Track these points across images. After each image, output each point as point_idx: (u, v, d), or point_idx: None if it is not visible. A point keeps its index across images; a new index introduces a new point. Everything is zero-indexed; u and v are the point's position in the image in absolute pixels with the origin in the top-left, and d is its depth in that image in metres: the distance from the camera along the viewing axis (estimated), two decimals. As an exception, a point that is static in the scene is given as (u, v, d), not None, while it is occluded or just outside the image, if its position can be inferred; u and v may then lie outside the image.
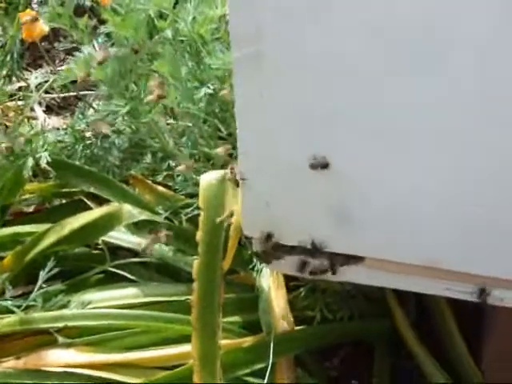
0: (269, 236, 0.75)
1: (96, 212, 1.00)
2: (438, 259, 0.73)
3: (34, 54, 1.55)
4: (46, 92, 1.34)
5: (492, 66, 0.58)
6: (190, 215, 1.01)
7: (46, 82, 1.26)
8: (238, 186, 0.77)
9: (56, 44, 1.22)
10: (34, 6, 1.42)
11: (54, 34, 1.38)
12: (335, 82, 0.64)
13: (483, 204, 0.66)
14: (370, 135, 0.66)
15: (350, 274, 0.78)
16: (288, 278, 0.93)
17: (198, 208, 0.89)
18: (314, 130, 0.67)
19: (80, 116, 1.15)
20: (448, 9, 0.56)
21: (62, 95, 1.38)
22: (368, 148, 0.67)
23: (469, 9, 0.56)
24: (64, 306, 0.93)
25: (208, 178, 0.85)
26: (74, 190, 1.10)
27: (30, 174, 1.07)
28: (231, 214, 0.82)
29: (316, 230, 0.74)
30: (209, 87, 0.95)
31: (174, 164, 1.08)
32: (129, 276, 1.00)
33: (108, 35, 1.11)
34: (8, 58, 1.27)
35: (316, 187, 0.71)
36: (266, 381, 0.85)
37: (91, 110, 1.21)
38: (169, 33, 1.03)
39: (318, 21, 0.61)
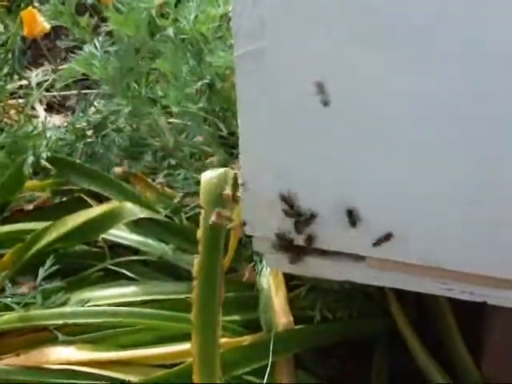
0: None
1: (96, 210, 1.00)
2: (438, 259, 0.73)
3: (35, 53, 1.55)
4: (47, 90, 1.34)
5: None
6: (190, 214, 1.01)
7: (47, 80, 1.27)
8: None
9: (57, 42, 1.22)
10: (36, 4, 1.42)
11: (56, 33, 1.38)
12: (335, 79, 0.64)
13: (484, 203, 0.66)
14: (371, 137, 0.66)
15: (350, 273, 0.78)
16: (288, 277, 0.93)
17: (198, 206, 0.89)
18: (316, 128, 0.67)
19: (81, 114, 1.15)
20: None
21: (62, 93, 1.38)
22: (369, 150, 0.67)
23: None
24: (64, 304, 0.93)
25: (209, 177, 0.85)
26: (74, 187, 1.10)
27: (31, 171, 1.07)
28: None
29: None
30: (207, 78, 0.95)
31: (174, 163, 1.08)
32: (129, 274, 1.00)
33: (109, 33, 1.11)
34: (9, 55, 1.27)
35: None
36: (265, 380, 0.85)
37: (92, 108, 1.21)
38: (170, 31, 1.03)
39: (320, 19, 0.61)
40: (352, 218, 0.71)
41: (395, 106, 0.63)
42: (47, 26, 1.10)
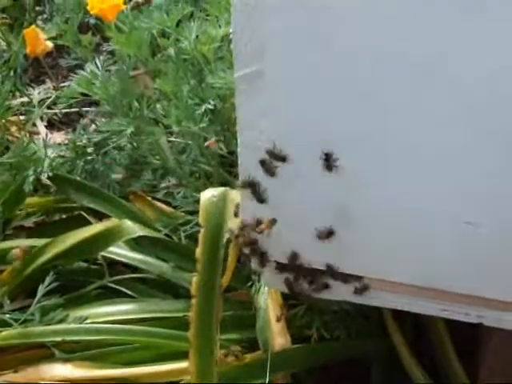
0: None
1: (96, 227, 1.01)
2: (434, 280, 0.73)
3: (37, 70, 1.56)
4: (49, 108, 1.35)
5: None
6: (189, 232, 1.02)
7: (49, 98, 1.28)
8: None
9: (60, 60, 1.23)
10: (39, 22, 1.43)
11: (58, 51, 1.39)
12: (336, 102, 0.65)
13: (479, 224, 0.66)
14: (374, 154, 0.67)
15: (348, 294, 0.79)
16: (286, 297, 0.94)
17: (197, 225, 0.89)
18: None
19: (81, 131, 1.15)
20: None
21: (64, 111, 1.39)
22: (372, 167, 0.68)
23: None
24: (62, 321, 0.93)
25: (208, 195, 0.85)
26: (74, 205, 1.10)
27: (31, 188, 1.08)
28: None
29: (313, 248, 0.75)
30: (209, 103, 0.96)
31: (174, 181, 1.09)
32: (127, 291, 1.00)
33: (111, 53, 1.12)
34: (11, 73, 1.28)
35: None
36: (262, 398, 0.85)
37: (93, 126, 1.22)
38: (171, 51, 1.04)
39: (320, 42, 0.62)
40: (328, 161, 0.68)
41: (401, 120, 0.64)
42: (50, 45, 1.11)
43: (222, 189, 0.86)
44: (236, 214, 0.80)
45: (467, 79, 0.59)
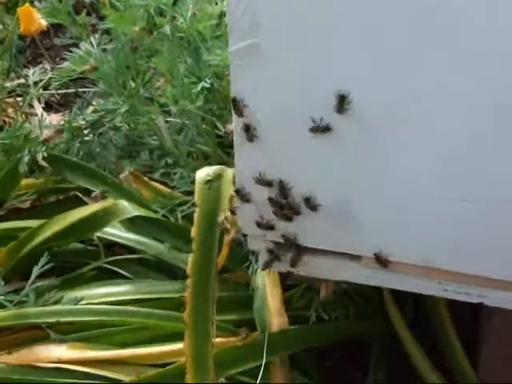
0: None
1: (91, 207, 1.00)
2: (434, 259, 0.72)
3: (35, 51, 1.55)
4: (46, 89, 1.34)
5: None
6: (186, 212, 1.00)
7: (43, 79, 1.26)
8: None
9: (55, 40, 1.22)
10: (37, 3, 1.41)
11: (56, 31, 1.38)
12: (330, 76, 0.63)
13: (476, 200, 0.65)
14: (369, 126, 0.65)
15: (346, 273, 0.78)
16: (284, 277, 0.93)
17: (194, 205, 0.88)
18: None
19: (77, 112, 1.14)
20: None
21: (60, 92, 1.38)
22: (366, 147, 0.66)
23: None
24: (57, 302, 0.92)
25: (204, 174, 0.84)
26: (70, 185, 1.09)
27: (27, 169, 1.07)
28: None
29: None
30: (206, 81, 0.94)
31: (171, 161, 1.08)
32: (123, 272, 0.99)
33: (107, 31, 1.11)
34: (8, 54, 1.27)
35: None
36: (259, 380, 0.84)
37: (90, 108, 1.21)
38: (167, 29, 1.02)
39: (317, 13, 0.60)
40: (343, 103, 0.64)
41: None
42: (44, 23, 1.10)
43: (217, 167, 0.85)
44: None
45: (465, 45, 0.57)
